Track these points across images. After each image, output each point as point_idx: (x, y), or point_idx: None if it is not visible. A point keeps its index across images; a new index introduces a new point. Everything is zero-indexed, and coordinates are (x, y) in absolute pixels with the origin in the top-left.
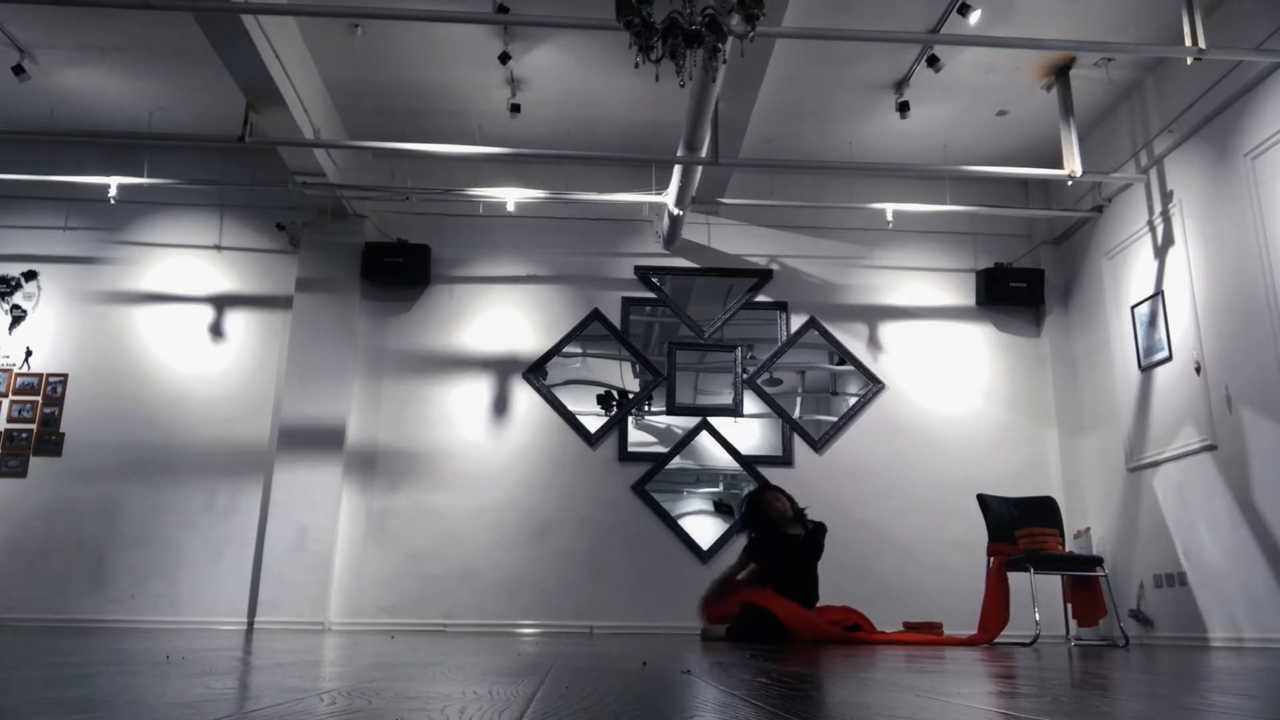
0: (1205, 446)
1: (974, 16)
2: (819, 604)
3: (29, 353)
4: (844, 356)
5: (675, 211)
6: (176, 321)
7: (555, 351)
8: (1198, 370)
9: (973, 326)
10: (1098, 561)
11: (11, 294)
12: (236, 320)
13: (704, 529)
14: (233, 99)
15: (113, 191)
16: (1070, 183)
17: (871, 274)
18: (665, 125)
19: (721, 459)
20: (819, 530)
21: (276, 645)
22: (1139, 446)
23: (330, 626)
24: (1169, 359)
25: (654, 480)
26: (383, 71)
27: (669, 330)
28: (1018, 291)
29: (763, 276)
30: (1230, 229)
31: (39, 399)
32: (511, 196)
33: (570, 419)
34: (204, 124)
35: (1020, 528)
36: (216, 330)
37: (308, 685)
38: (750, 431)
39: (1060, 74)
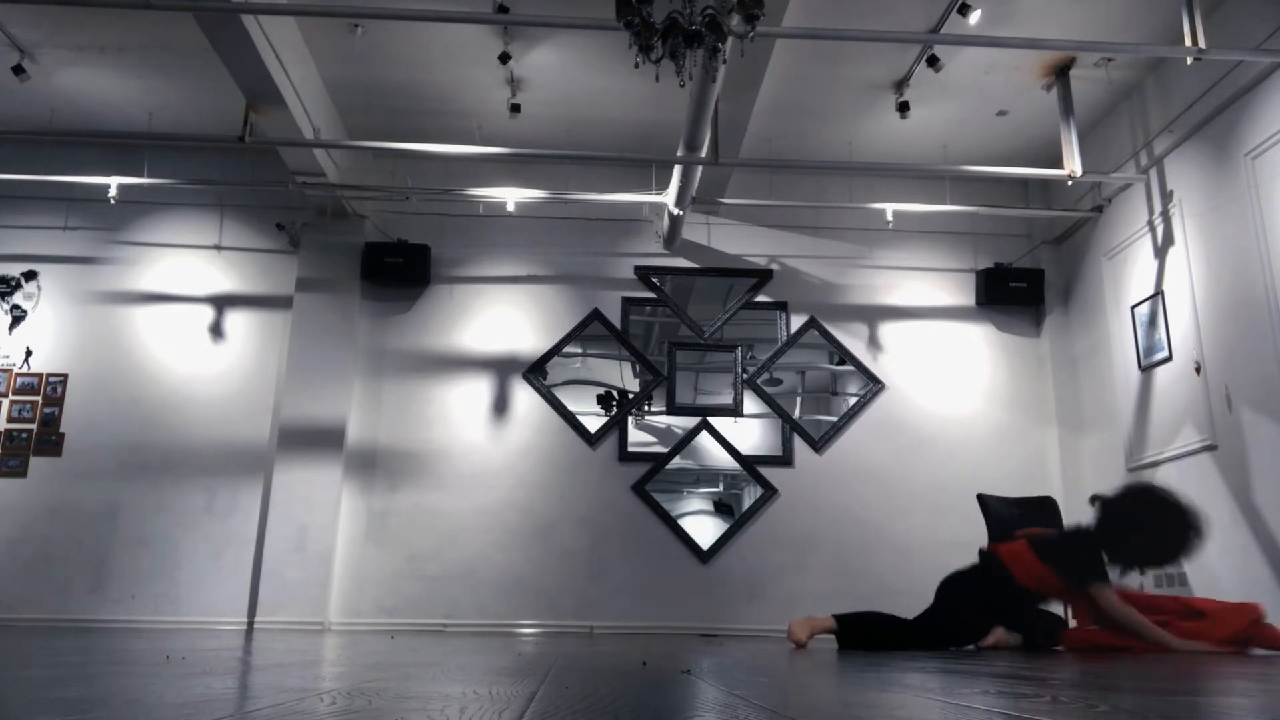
0: (1205, 446)
1: (974, 16)
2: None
3: (29, 353)
4: (844, 356)
5: (675, 211)
6: (176, 321)
7: (555, 351)
8: (1198, 370)
9: (973, 326)
10: None
11: (11, 294)
12: (236, 320)
13: (704, 529)
14: (233, 99)
15: (113, 191)
16: (1070, 183)
17: (871, 274)
18: (665, 125)
19: (721, 459)
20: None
21: (276, 645)
22: (1139, 446)
23: (330, 626)
24: (1169, 359)
25: (654, 480)
26: (383, 71)
27: (669, 330)
28: (1018, 291)
29: (763, 276)
30: (1230, 229)
31: (39, 399)
32: (511, 196)
33: (570, 419)
34: (204, 124)
35: (1020, 528)
36: (216, 330)
37: (308, 685)
38: (750, 431)
39: (1060, 74)
